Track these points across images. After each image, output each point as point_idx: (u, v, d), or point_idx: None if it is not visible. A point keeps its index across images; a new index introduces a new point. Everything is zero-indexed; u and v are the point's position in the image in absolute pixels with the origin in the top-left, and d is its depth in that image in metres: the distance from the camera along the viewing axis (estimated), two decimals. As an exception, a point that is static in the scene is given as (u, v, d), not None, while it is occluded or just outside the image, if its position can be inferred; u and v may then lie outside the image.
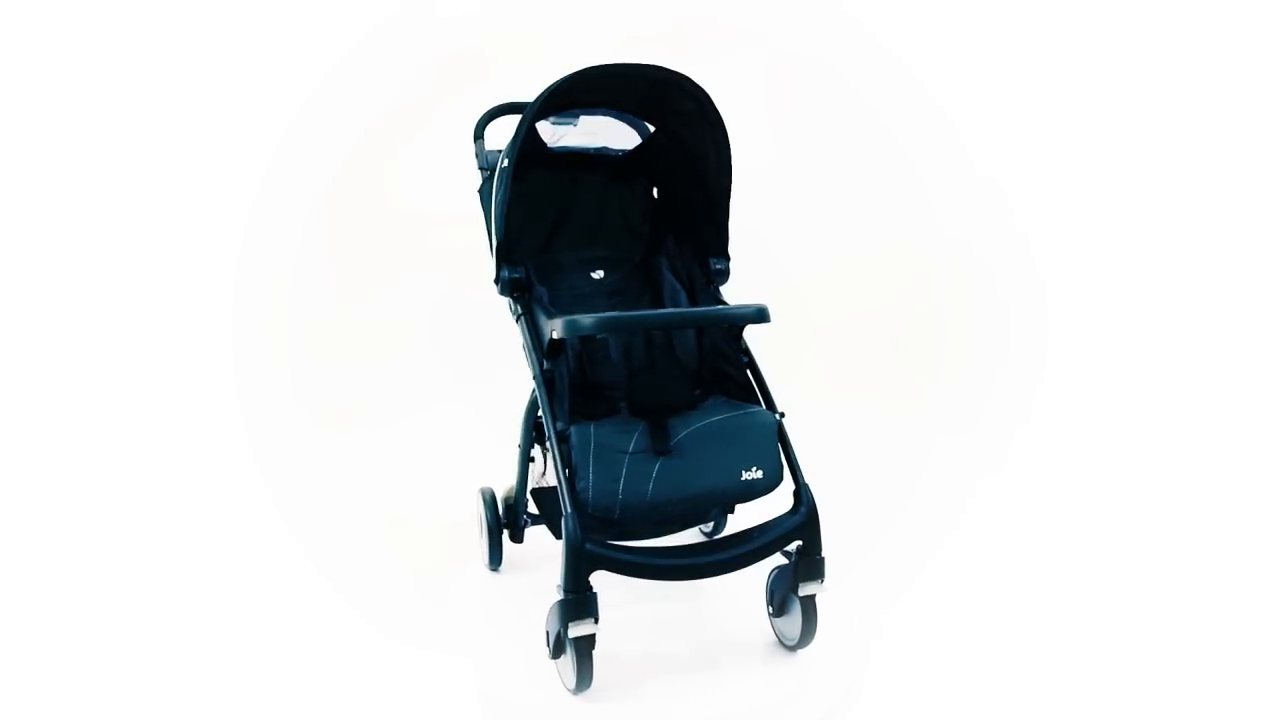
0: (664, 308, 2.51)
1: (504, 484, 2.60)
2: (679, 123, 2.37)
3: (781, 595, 2.19)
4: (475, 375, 3.87)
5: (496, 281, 2.31)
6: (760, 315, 2.07)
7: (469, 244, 2.95)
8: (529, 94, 2.17)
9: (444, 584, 2.61)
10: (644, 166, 2.60)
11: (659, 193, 2.65)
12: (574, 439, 2.02)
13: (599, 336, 2.44)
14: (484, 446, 3.15)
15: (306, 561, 2.74)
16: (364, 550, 2.84)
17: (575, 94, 2.28)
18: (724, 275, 2.43)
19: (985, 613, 2.41)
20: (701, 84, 2.22)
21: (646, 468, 1.97)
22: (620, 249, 2.63)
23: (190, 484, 3.29)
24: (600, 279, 2.58)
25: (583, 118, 2.46)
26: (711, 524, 2.75)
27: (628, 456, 1.98)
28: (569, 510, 1.95)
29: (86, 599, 2.52)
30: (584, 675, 2.00)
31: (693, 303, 2.48)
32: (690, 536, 2.58)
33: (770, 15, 4.22)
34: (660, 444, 2.01)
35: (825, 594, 2.11)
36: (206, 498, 3.20)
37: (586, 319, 1.99)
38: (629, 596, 2.26)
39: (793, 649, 2.20)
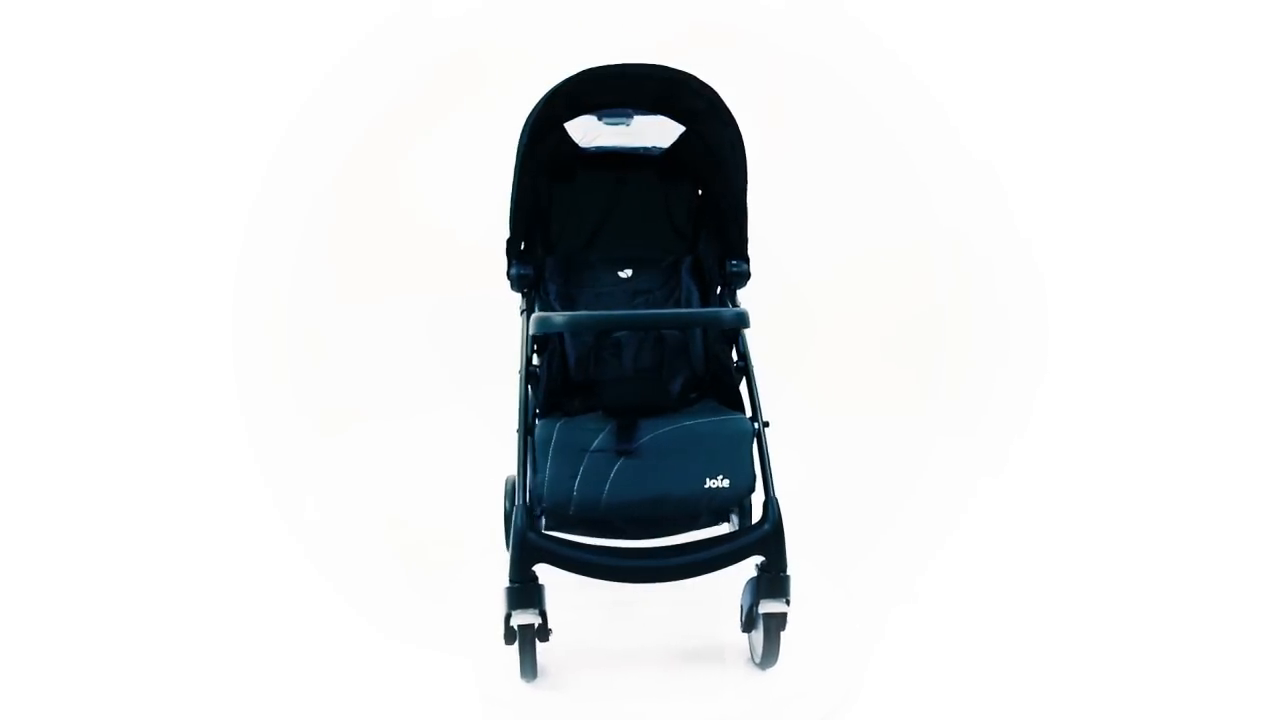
0: (680, 308, 2.48)
1: None
2: (694, 122, 2.36)
3: (749, 609, 2.09)
4: (476, 377, 3.86)
5: (508, 277, 2.33)
6: (739, 320, 2.03)
7: (470, 245, 2.96)
8: (538, 96, 2.17)
9: (444, 584, 2.60)
10: (683, 165, 2.58)
11: (701, 192, 2.63)
12: (537, 434, 2.01)
13: (613, 335, 2.43)
14: (485, 448, 3.14)
15: (306, 562, 2.74)
16: (364, 551, 2.84)
17: (583, 94, 2.26)
18: (741, 278, 2.40)
19: (986, 615, 2.41)
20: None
21: (605, 467, 1.94)
22: (661, 248, 2.60)
23: (190, 486, 3.27)
24: (628, 278, 2.55)
25: (637, 117, 2.41)
26: (737, 526, 2.63)
27: (588, 455, 1.95)
28: (520, 502, 1.95)
29: (89, 601, 2.51)
30: (527, 664, 2.00)
31: (704, 304, 2.46)
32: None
33: (770, 15, 4.21)
34: (623, 444, 1.96)
35: (796, 611, 2.01)
36: (206, 499, 3.18)
37: (559, 317, 2.00)
38: (632, 596, 2.25)
39: (759, 667, 2.12)
